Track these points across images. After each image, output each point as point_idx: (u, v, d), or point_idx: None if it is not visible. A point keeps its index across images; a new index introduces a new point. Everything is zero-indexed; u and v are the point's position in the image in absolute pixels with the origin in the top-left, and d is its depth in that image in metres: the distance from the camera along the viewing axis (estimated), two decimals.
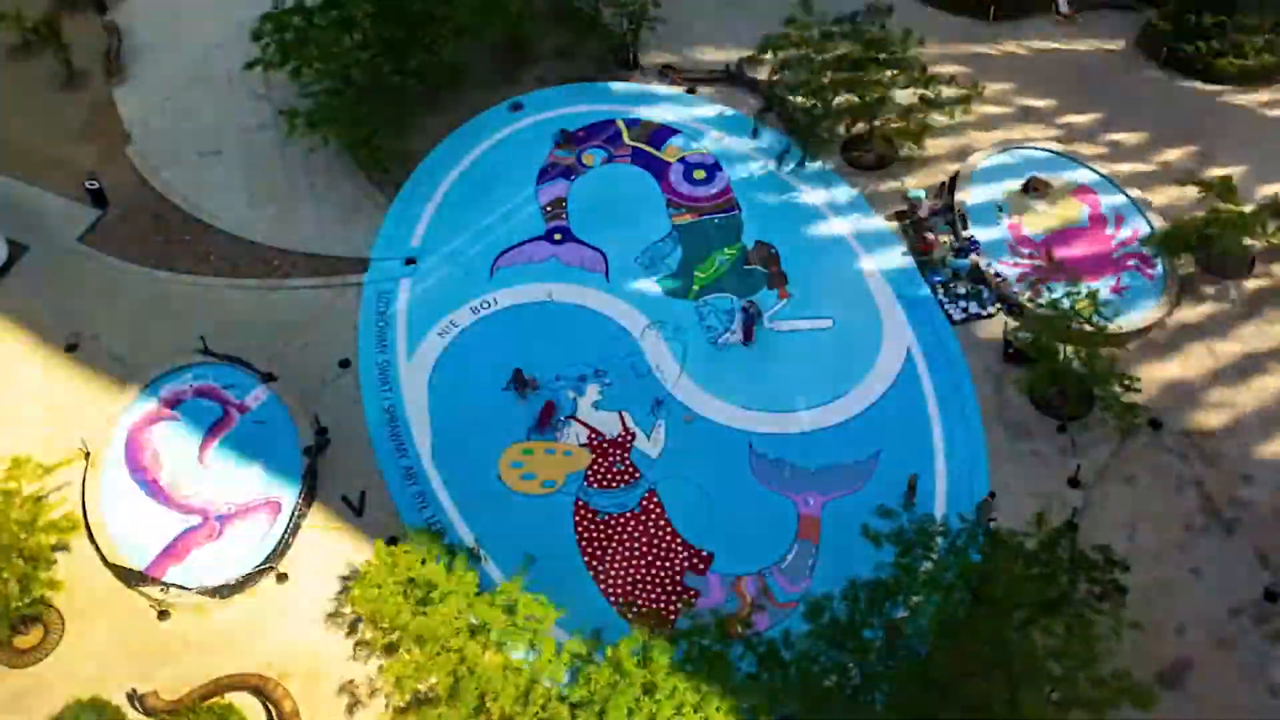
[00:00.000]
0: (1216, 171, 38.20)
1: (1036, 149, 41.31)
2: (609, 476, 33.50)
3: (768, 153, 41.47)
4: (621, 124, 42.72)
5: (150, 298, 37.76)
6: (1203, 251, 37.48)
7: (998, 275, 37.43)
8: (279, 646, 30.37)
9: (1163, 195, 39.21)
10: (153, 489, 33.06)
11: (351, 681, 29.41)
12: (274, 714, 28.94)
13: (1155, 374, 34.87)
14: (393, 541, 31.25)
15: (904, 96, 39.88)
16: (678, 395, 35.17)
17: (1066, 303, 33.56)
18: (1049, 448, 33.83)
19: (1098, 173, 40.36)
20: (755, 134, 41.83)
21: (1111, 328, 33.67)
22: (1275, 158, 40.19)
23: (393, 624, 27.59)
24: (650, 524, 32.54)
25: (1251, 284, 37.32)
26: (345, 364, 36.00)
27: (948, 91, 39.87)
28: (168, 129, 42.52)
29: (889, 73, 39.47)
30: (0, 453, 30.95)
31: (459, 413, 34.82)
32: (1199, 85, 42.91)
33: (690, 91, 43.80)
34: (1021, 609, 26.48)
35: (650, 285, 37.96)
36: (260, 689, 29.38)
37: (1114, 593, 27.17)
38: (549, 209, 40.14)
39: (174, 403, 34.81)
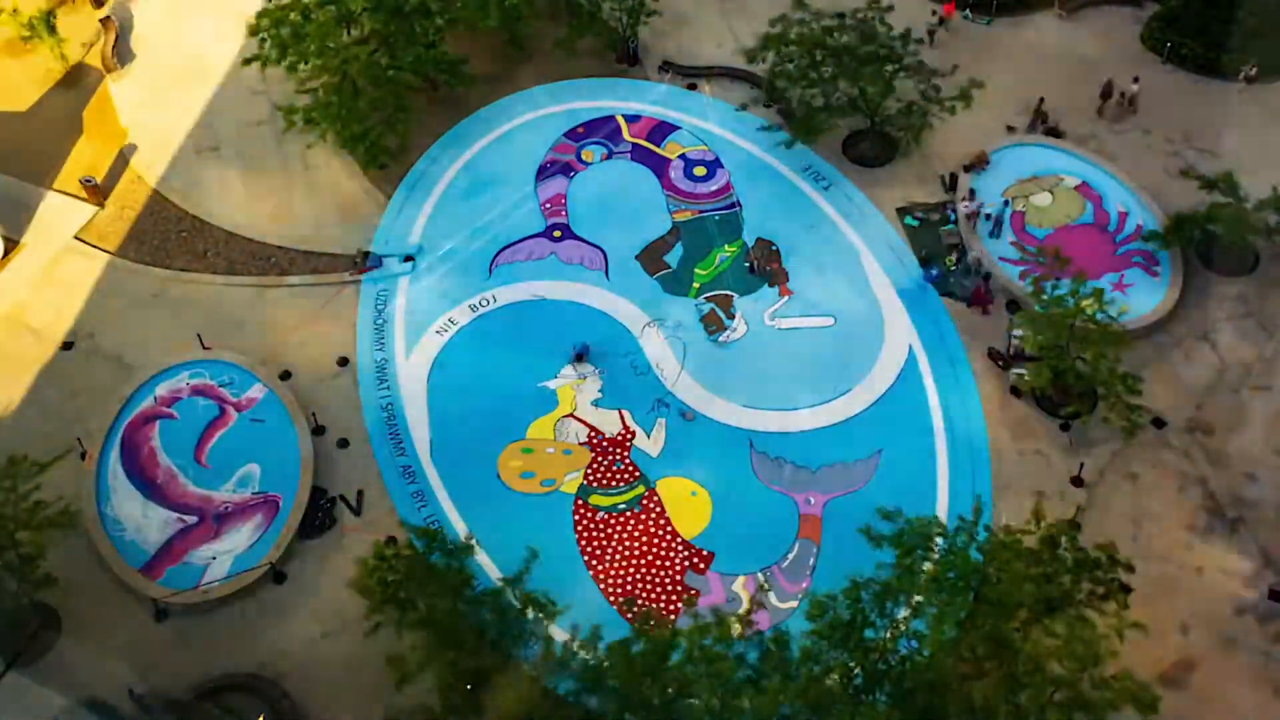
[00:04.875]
0: (1219, 167, 37.97)
1: (1038, 145, 41.03)
2: (608, 475, 33.30)
3: (767, 147, 41.13)
4: (621, 120, 42.46)
5: (147, 295, 37.54)
6: (1206, 249, 37.30)
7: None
8: (277, 646, 30.23)
9: (1166, 191, 38.96)
10: (150, 488, 32.91)
11: (349, 681, 29.24)
12: (272, 713, 28.78)
13: (1159, 372, 34.65)
14: (391, 541, 31.12)
15: (904, 92, 39.60)
16: (678, 393, 35.01)
17: (1070, 300, 33.31)
18: (1052, 446, 33.65)
19: (1101, 169, 40.08)
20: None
21: (1115, 325, 33.43)
22: (1278, 153, 39.90)
23: None
24: (650, 523, 32.38)
25: (1255, 282, 37.05)
26: (344, 362, 35.81)
27: (948, 87, 39.55)
28: (165, 125, 42.26)
29: (889, 68, 39.20)
30: None
31: (458, 411, 34.64)
32: (1202, 80, 42.63)
33: (691, 87, 43.53)
34: (1023, 609, 26.31)
35: (650, 282, 37.76)
36: (258, 689, 29.24)
37: (1117, 593, 26.99)
38: (548, 206, 39.90)
39: (171, 401, 34.63)
